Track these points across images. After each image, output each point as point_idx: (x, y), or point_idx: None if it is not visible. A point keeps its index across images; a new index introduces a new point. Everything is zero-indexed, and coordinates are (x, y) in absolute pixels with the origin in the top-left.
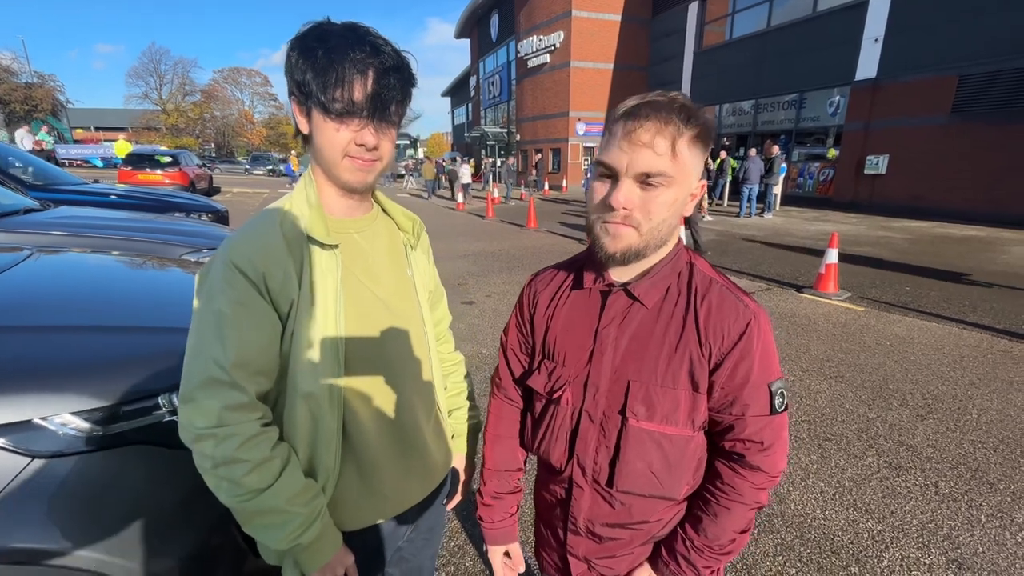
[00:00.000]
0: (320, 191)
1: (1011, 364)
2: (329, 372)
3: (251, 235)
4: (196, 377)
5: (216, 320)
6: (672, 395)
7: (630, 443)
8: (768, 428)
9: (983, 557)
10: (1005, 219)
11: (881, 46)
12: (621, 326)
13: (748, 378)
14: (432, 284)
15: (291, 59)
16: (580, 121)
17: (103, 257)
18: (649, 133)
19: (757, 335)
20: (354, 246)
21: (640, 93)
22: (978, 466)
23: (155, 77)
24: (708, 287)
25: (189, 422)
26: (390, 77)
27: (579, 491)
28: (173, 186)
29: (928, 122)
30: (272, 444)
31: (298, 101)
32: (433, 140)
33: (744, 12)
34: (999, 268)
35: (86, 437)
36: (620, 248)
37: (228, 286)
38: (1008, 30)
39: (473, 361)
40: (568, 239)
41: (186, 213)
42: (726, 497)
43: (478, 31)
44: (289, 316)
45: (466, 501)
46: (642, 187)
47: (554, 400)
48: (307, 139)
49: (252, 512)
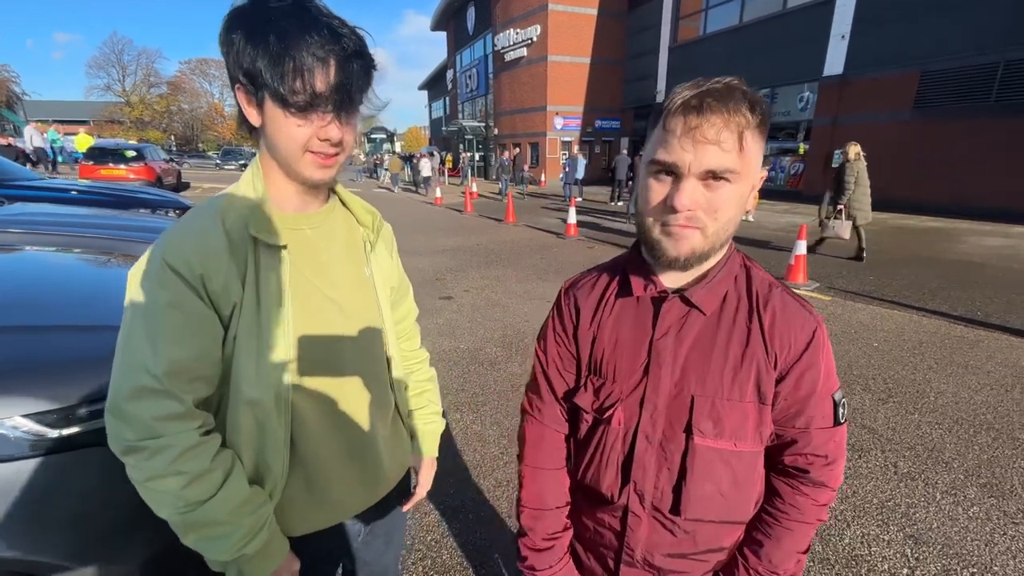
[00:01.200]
0: (270, 184)
1: (966, 349)
2: (276, 378)
3: (189, 233)
4: (125, 386)
5: (148, 324)
6: (740, 409)
7: (697, 464)
8: (832, 441)
9: (937, 532)
10: (966, 211)
11: (847, 43)
12: (678, 336)
13: (814, 389)
14: (395, 280)
15: (234, 42)
16: (558, 115)
17: (62, 255)
18: (715, 128)
19: (822, 343)
20: (306, 243)
21: (615, 85)
22: (934, 446)
23: (118, 68)
24: (769, 292)
25: (118, 434)
26: (353, 64)
27: (636, 520)
28: (138, 181)
29: (892, 117)
30: (212, 454)
31: (246, 90)
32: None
33: (717, 8)
34: (956, 257)
35: (40, 440)
36: (684, 252)
37: (162, 288)
38: (968, 28)
39: (451, 356)
40: (547, 233)
41: (152, 209)
42: (788, 517)
43: (454, 24)
44: (232, 319)
45: (440, 495)
46: (706, 185)
47: (604, 420)
48: (253, 130)
49: (192, 525)
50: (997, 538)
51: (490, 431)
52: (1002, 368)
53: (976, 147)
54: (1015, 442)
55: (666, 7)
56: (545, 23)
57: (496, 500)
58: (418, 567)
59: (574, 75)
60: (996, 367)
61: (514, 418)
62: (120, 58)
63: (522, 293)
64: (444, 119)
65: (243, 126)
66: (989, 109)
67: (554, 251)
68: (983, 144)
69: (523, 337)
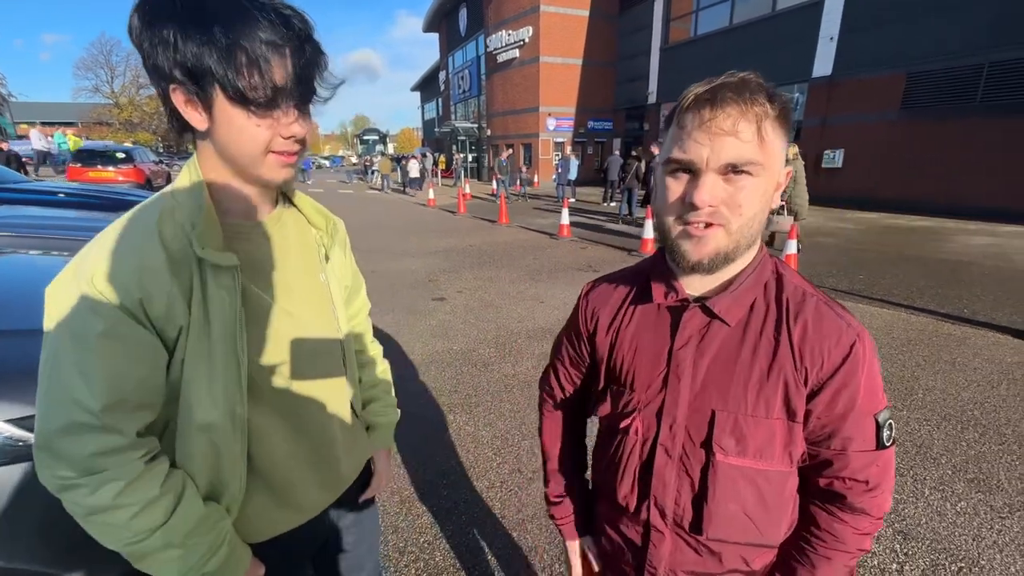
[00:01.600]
0: (213, 191)
1: (954, 346)
2: (231, 400)
3: (122, 253)
4: (55, 422)
5: (80, 357)
6: (766, 425)
7: (719, 482)
8: (874, 465)
9: (926, 527)
10: (954, 210)
11: (836, 44)
12: (700, 347)
13: (852, 407)
14: (348, 278)
15: (165, 37)
16: (550, 116)
17: (46, 259)
18: (731, 118)
19: (863, 358)
20: (256, 255)
21: (607, 86)
22: (923, 442)
23: (106, 69)
24: (802, 301)
25: (52, 472)
26: (306, 49)
27: (659, 536)
28: (128, 184)
29: (880, 118)
30: (161, 480)
31: (185, 90)
32: (403, 135)
33: (707, 9)
34: (943, 256)
35: (23, 445)
36: (707, 253)
37: (94, 315)
38: (953, 31)
39: (444, 357)
40: (540, 234)
41: None
42: (825, 546)
43: (446, 25)
44: (178, 342)
45: (433, 496)
46: (727, 180)
47: (621, 429)
48: (190, 132)
49: (144, 553)
50: (984, 532)
51: (483, 432)
52: (988, 365)
53: (963, 147)
54: (1001, 437)
55: (657, 9)
56: (537, 24)
57: (490, 501)
58: (411, 569)
59: (566, 76)
60: (983, 364)
61: (507, 419)
62: (109, 59)
63: (515, 294)
64: (437, 120)
65: (174, 128)
66: (975, 110)
67: (547, 252)
68: (969, 144)
69: (516, 338)
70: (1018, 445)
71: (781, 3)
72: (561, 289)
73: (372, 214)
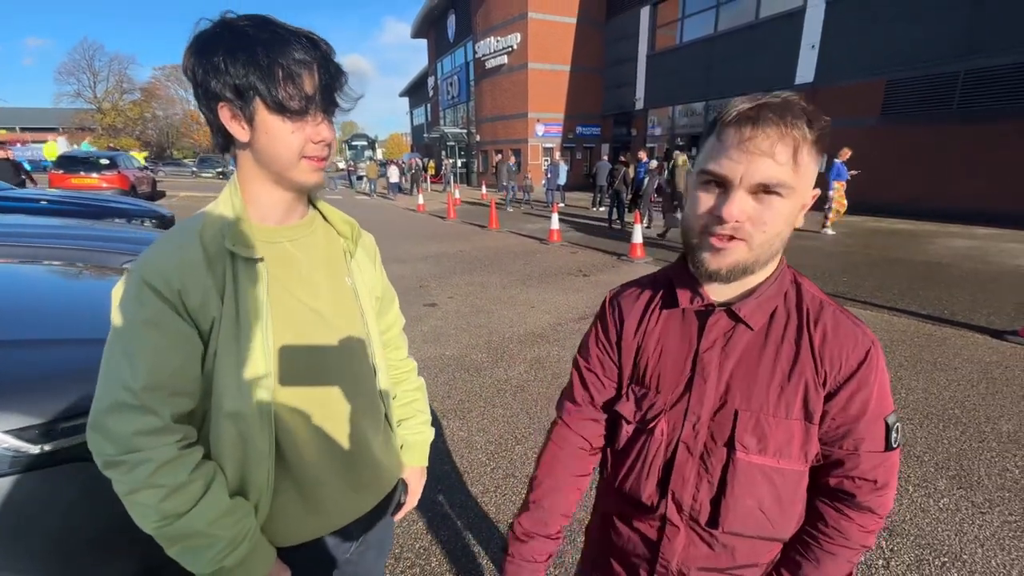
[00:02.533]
0: (249, 198)
1: (935, 347)
2: (257, 391)
3: (167, 250)
4: (104, 402)
5: (126, 342)
6: (786, 426)
7: (738, 479)
8: (883, 466)
9: (910, 523)
10: (933, 213)
11: (817, 52)
12: (724, 350)
13: (865, 410)
14: (379, 289)
15: (217, 64)
16: (539, 122)
17: (31, 267)
18: (770, 140)
19: (876, 364)
20: (287, 256)
21: (595, 92)
22: (906, 441)
23: (88, 74)
24: (821, 309)
25: (100, 449)
26: (330, 66)
27: (674, 531)
28: (111, 190)
29: (861, 124)
30: (191, 467)
31: (232, 107)
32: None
33: (693, 17)
34: (924, 258)
35: (22, 456)
36: (726, 264)
37: (140, 305)
38: (929, 40)
39: (436, 363)
40: (530, 239)
41: (127, 219)
42: (831, 542)
43: (435, 31)
44: (211, 334)
45: (428, 502)
46: (756, 198)
47: (647, 430)
48: (230, 146)
49: (172, 537)
50: (966, 528)
51: (477, 437)
52: (968, 364)
53: (940, 152)
54: (981, 435)
55: (643, 16)
56: (525, 31)
57: (484, 506)
58: (407, 575)
59: (554, 82)
60: (963, 364)
61: (501, 424)
62: (91, 64)
63: (506, 299)
64: (426, 126)
65: (219, 146)
66: (952, 116)
67: (538, 257)
68: (947, 149)
69: (508, 343)
70: (997, 442)
71: (764, 12)
72: (552, 294)
73: (361, 220)
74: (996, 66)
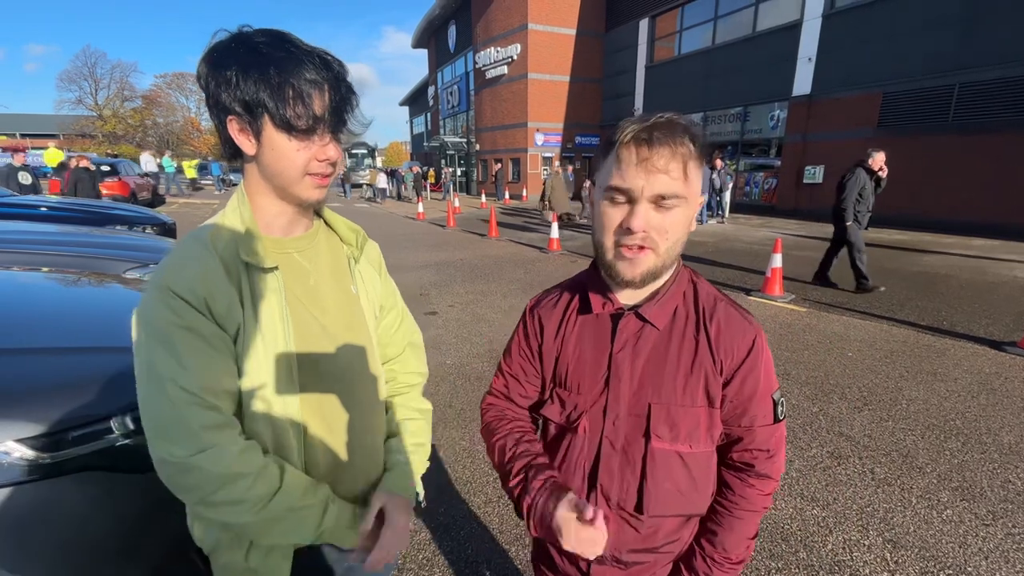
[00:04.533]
0: (257, 209)
1: (934, 357)
2: (285, 396)
3: (186, 260)
4: (164, 409)
5: (170, 346)
6: (692, 413)
7: (657, 465)
8: (773, 436)
9: (914, 535)
10: (930, 225)
11: (814, 65)
12: (635, 349)
13: (756, 390)
14: (383, 298)
15: (229, 78)
16: (538, 132)
17: (39, 275)
18: (664, 159)
19: (762, 349)
20: (294, 267)
21: (594, 102)
22: (908, 452)
23: (90, 81)
24: (714, 305)
25: (168, 454)
26: (341, 88)
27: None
28: (112, 197)
29: (857, 135)
30: (261, 451)
31: (240, 120)
32: (392, 149)
33: (691, 30)
34: (920, 269)
35: (32, 465)
36: (640, 272)
37: (174, 314)
38: (925, 53)
39: (438, 372)
40: (530, 247)
41: (128, 226)
42: (738, 507)
43: (435, 41)
44: (237, 340)
45: (431, 512)
46: (656, 208)
47: (572, 429)
48: (240, 157)
49: (272, 519)
50: (970, 539)
51: (479, 447)
52: (968, 375)
53: (937, 164)
54: (983, 446)
55: (642, 28)
56: (525, 42)
57: (487, 516)
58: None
59: (554, 92)
60: (963, 374)
61: None
62: (93, 71)
63: (507, 308)
64: (426, 134)
65: (227, 155)
66: (947, 128)
67: (538, 265)
68: (943, 161)
69: None
70: (999, 454)
71: (761, 24)
72: None
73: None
74: (990, 80)
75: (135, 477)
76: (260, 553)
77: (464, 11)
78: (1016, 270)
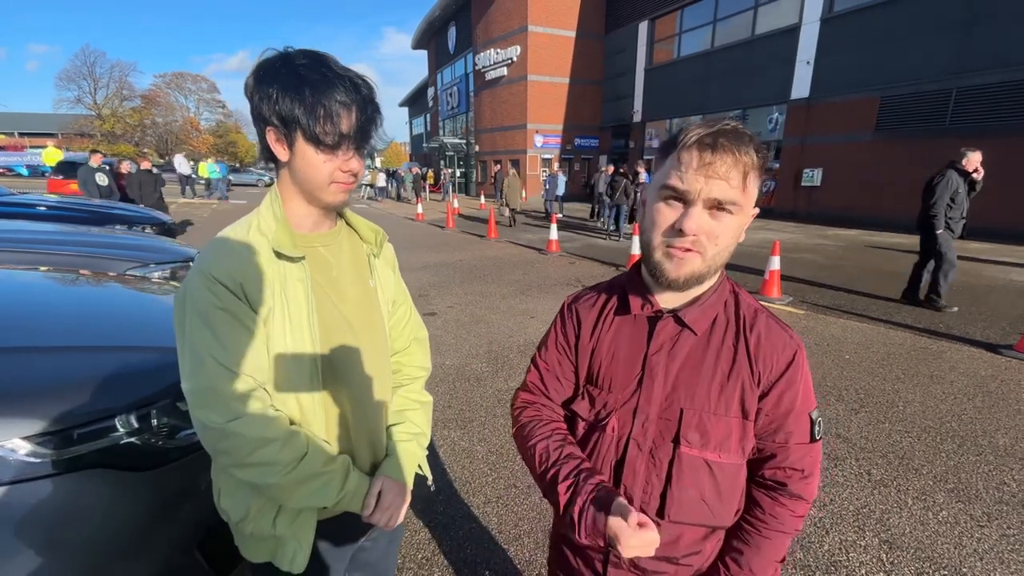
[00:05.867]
0: (288, 207)
1: (931, 359)
2: (310, 377)
3: (225, 249)
4: (204, 381)
5: (210, 327)
6: (725, 422)
7: (683, 471)
8: (808, 456)
9: (910, 536)
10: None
11: (812, 68)
12: (671, 353)
13: (793, 406)
14: (394, 294)
15: (271, 94)
16: (538, 133)
17: (43, 274)
18: (725, 166)
19: (801, 365)
20: (319, 259)
21: (594, 104)
22: (904, 453)
23: (89, 81)
24: (755, 316)
25: (207, 420)
26: (368, 109)
27: None
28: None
29: (856, 138)
30: (289, 420)
31: (277, 131)
32: (391, 150)
33: (690, 32)
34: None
35: (39, 462)
36: (684, 274)
37: (213, 295)
38: (922, 57)
39: (437, 373)
40: (529, 249)
41: (128, 225)
42: (767, 527)
43: (435, 43)
44: (267, 322)
45: (430, 512)
46: (711, 214)
47: (600, 427)
48: (273, 161)
49: (296, 483)
50: (965, 540)
51: (478, 448)
52: (964, 378)
53: (933, 167)
54: (978, 448)
55: (641, 31)
56: (525, 44)
57: (486, 517)
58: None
59: (554, 94)
60: (958, 377)
61: (502, 434)
62: (92, 71)
63: (506, 309)
64: (425, 135)
65: (264, 158)
66: (944, 132)
67: (536, 267)
68: (941, 165)
69: (508, 353)
70: (994, 456)
71: (759, 28)
72: (551, 304)
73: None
74: (988, 84)
75: (140, 475)
76: (287, 520)
77: (464, 13)
78: (1012, 273)
